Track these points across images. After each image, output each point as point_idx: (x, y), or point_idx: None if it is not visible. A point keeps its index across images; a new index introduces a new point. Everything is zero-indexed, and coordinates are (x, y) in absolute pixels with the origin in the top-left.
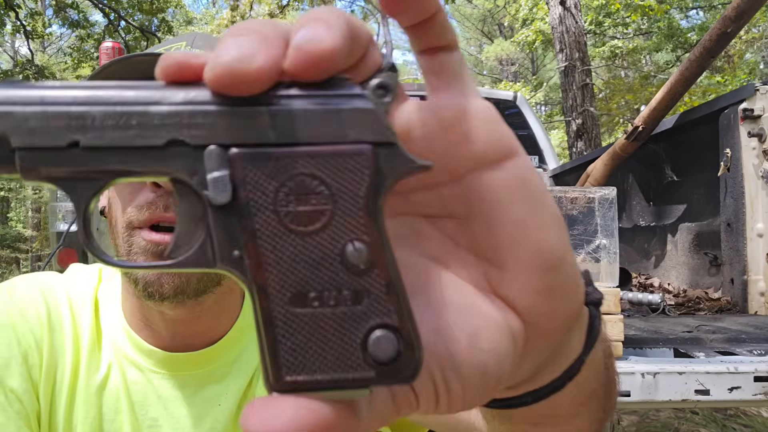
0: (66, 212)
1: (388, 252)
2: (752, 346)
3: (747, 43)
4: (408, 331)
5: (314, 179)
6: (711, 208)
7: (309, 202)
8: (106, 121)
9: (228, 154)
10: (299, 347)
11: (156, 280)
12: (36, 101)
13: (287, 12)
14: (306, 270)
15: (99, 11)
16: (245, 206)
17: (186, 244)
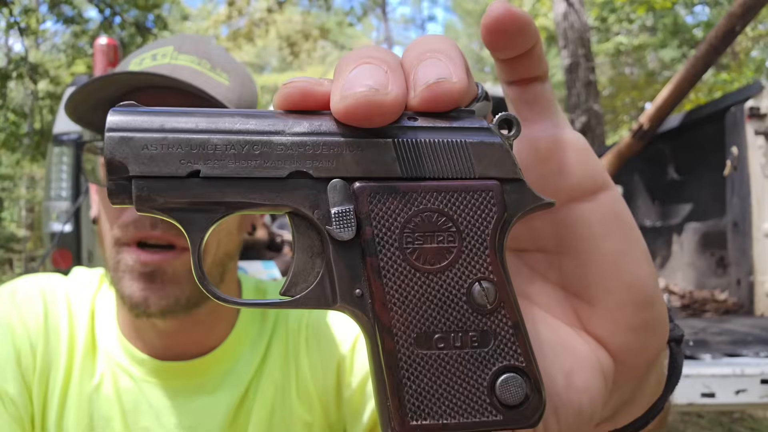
0: (60, 212)
1: (512, 291)
2: (759, 348)
3: (753, 40)
4: (535, 374)
5: (441, 215)
6: (717, 207)
7: (435, 239)
8: (228, 150)
9: (352, 188)
10: (425, 391)
11: (142, 302)
12: (156, 128)
13: (285, 8)
14: (432, 310)
15: (94, 7)
16: (370, 242)
17: (303, 281)
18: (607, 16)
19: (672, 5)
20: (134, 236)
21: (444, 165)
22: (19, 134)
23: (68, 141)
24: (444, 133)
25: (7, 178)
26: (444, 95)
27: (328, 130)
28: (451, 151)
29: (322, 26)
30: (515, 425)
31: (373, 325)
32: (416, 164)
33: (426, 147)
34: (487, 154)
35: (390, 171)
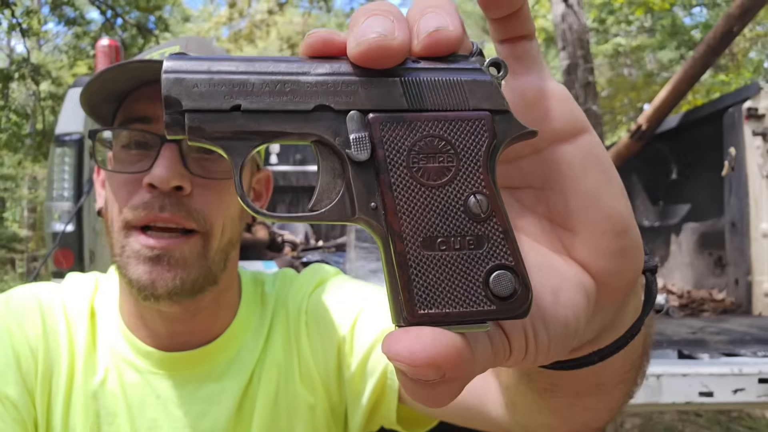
0: (62, 213)
1: (502, 203)
2: (756, 347)
3: (751, 41)
4: (523, 272)
5: (441, 140)
6: (715, 208)
7: (437, 160)
8: (264, 87)
9: (367, 118)
10: (430, 285)
11: (150, 285)
12: (203, 70)
13: (285, 10)
14: (435, 218)
15: (95, 8)
16: (382, 163)
17: (327, 198)
18: (605, 17)
19: (670, 7)
20: (144, 218)
21: (443, 99)
22: (21, 135)
23: (70, 141)
24: (442, 73)
25: (10, 179)
26: (443, 41)
27: (346, 71)
28: (449, 87)
29: (323, 28)
30: (506, 315)
31: (386, 232)
32: (419, 98)
33: (427, 84)
34: (479, 90)
35: (398, 104)
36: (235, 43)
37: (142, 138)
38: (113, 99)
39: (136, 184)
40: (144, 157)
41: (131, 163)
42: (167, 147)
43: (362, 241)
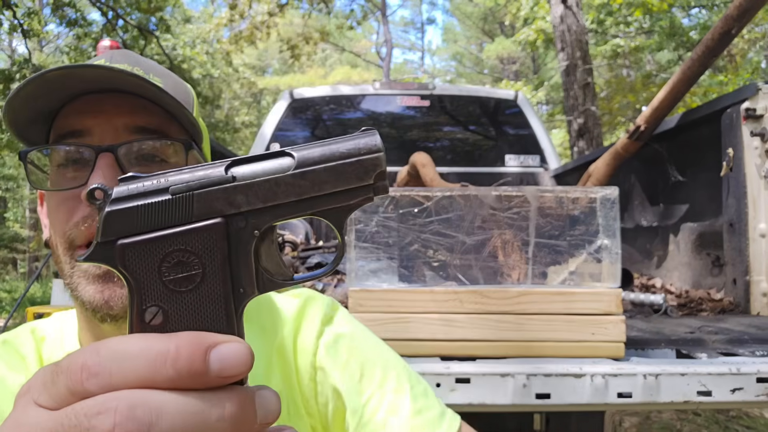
0: None
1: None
2: (755, 347)
3: (749, 42)
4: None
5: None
6: (713, 208)
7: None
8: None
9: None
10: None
11: (104, 304)
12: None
13: (285, 11)
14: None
15: (97, 10)
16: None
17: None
18: (604, 18)
19: (669, 8)
20: (87, 234)
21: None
22: None
23: None
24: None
25: (11, 179)
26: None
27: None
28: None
29: (323, 29)
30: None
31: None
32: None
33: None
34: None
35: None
36: (236, 44)
37: (76, 153)
38: (41, 120)
39: (76, 200)
40: (80, 172)
41: (68, 180)
42: (102, 157)
43: (362, 241)
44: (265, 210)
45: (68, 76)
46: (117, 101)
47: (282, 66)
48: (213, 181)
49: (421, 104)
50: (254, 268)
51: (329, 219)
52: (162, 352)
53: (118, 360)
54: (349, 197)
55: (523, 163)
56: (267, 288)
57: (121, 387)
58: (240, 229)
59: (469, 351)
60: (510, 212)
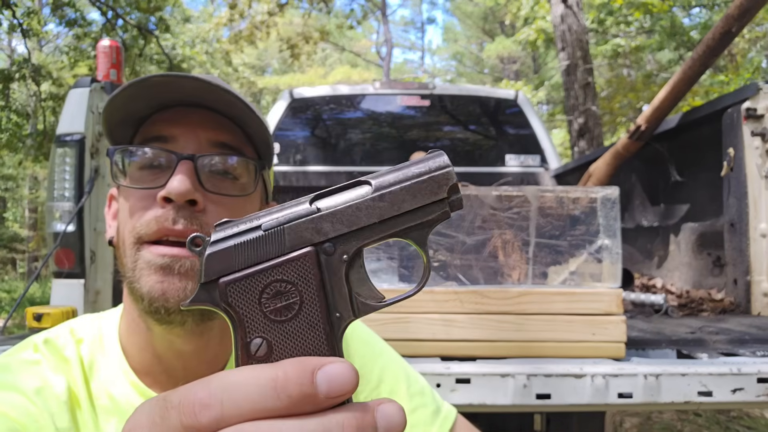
0: (63, 213)
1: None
2: (755, 347)
3: (750, 42)
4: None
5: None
6: (714, 208)
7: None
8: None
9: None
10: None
11: (161, 296)
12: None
13: (285, 11)
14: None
15: (96, 9)
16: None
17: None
18: (604, 18)
19: (669, 8)
20: (156, 232)
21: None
22: (21, 135)
23: (71, 142)
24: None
25: (10, 179)
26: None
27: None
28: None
29: (323, 29)
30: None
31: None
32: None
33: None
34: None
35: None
36: (236, 44)
37: (159, 157)
38: (131, 122)
39: (151, 200)
40: (159, 175)
41: (147, 181)
42: (183, 163)
43: None
44: (351, 234)
45: (170, 83)
46: (204, 116)
47: (282, 65)
48: (300, 214)
49: (422, 104)
50: (348, 293)
51: (411, 238)
52: (271, 378)
53: (228, 391)
54: (427, 214)
55: (524, 163)
56: (362, 311)
57: (234, 417)
58: (330, 255)
59: (469, 351)
60: (510, 212)
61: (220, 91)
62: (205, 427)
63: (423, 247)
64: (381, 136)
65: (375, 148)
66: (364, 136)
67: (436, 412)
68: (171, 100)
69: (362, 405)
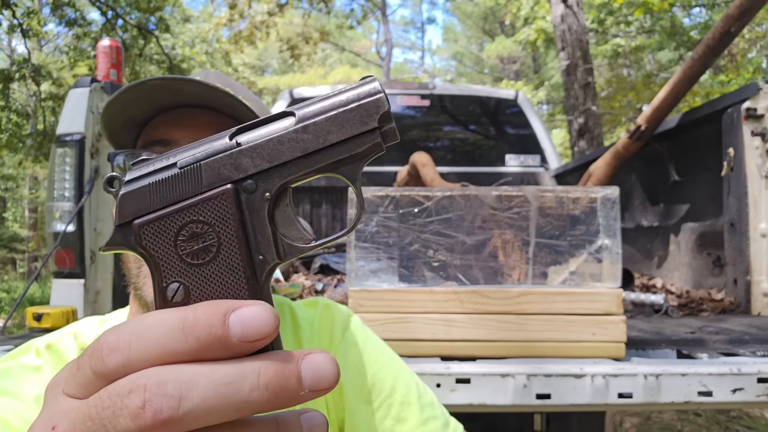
0: (63, 213)
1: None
2: (755, 347)
3: (750, 42)
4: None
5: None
6: (714, 208)
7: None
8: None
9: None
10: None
11: None
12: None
13: (285, 11)
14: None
15: (96, 9)
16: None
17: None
18: (604, 18)
19: (670, 7)
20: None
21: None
22: (21, 135)
23: (71, 142)
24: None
25: (10, 179)
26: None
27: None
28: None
29: (322, 29)
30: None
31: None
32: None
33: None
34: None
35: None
36: (236, 44)
37: None
38: (133, 125)
39: None
40: None
41: None
42: None
43: (362, 241)
44: (273, 170)
45: (167, 87)
46: (206, 117)
47: (281, 66)
48: (218, 149)
49: (422, 104)
50: (271, 234)
51: (341, 173)
52: (180, 320)
53: (137, 334)
54: (357, 145)
55: (524, 163)
56: (288, 254)
57: (142, 360)
58: (251, 193)
59: (469, 351)
60: (510, 212)
61: (218, 93)
62: (113, 372)
63: (354, 182)
64: None
65: None
66: None
67: (446, 425)
68: (173, 102)
69: (286, 353)
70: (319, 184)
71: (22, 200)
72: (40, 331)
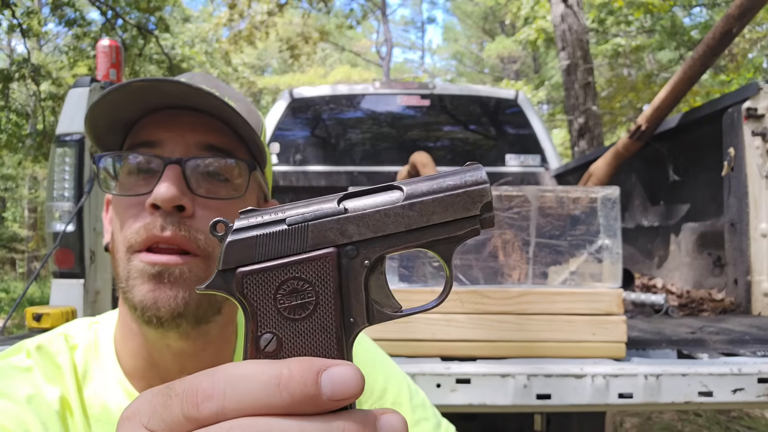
0: (62, 213)
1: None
2: (756, 347)
3: (751, 42)
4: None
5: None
6: (714, 208)
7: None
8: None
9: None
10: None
11: (153, 305)
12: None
13: (285, 11)
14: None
15: (96, 9)
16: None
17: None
18: (605, 17)
19: (670, 8)
20: (145, 239)
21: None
22: (21, 135)
23: (71, 142)
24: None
25: (10, 179)
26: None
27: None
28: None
29: (322, 28)
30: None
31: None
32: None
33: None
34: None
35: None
36: (235, 44)
37: (147, 163)
38: (119, 128)
39: (140, 207)
40: (148, 181)
41: (136, 187)
42: (170, 168)
43: None
44: (375, 240)
45: (151, 88)
46: (193, 119)
47: (281, 65)
48: (327, 212)
49: (422, 104)
50: (365, 299)
51: (437, 251)
52: (275, 375)
53: (232, 384)
54: (456, 228)
55: (524, 163)
56: (376, 319)
57: (236, 410)
58: (351, 259)
59: (469, 351)
60: (511, 212)
61: (203, 95)
62: (206, 419)
63: (448, 262)
64: (381, 136)
65: (375, 148)
66: (364, 135)
67: (438, 426)
68: (159, 103)
69: (365, 412)
70: (319, 184)
71: (21, 200)
72: (40, 332)
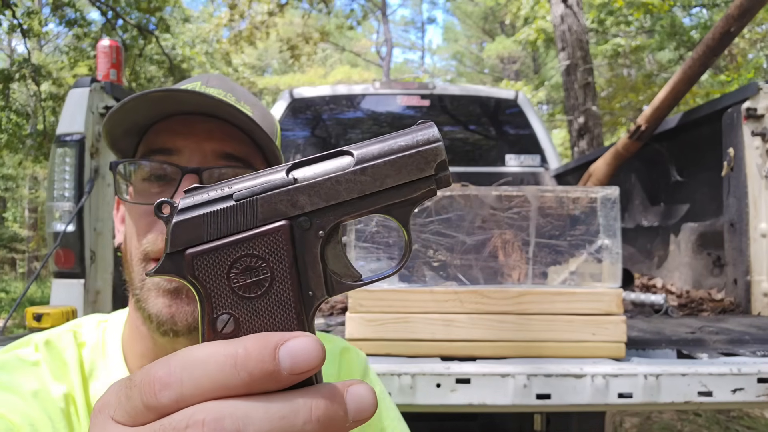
0: (63, 213)
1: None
2: (755, 347)
3: (750, 42)
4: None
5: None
6: (714, 208)
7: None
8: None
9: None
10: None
11: (169, 319)
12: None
13: (285, 11)
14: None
15: (96, 9)
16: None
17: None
18: (605, 18)
19: (669, 8)
20: (162, 249)
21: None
22: (21, 135)
23: (71, 142)
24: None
25: (10, 179)
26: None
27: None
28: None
29: (323, 29)
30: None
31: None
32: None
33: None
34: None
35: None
36: (236, 44)
37: (163, 170)
38: (134, 132)
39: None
40: (164, 189)
41: (151, 195)
42: (187, 177)
43: (362, 241)
44: (328, 209)
45: (168, 98)
46: (209, 126)
47: (282, 66)
48: (275, 184)
49: (422, 104)
50: (322, 270)
51: (393, 215)
52: (231, 354)
53: (188, 368)
54: (412, 190)
55: (524, 163)
56: (336, 290)
57: (195, 395)
58: (305, 230)
59: (469, 351)
60: (510, 212)
61: (220, 105)
62: (165, 407)
63: (406, 225)
64: (380, 135)
65: None
66: (364, 136)
67: None
68: (175, 110)
69: (332, 386)
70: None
71: (22, 200)
72: (40, 331)
